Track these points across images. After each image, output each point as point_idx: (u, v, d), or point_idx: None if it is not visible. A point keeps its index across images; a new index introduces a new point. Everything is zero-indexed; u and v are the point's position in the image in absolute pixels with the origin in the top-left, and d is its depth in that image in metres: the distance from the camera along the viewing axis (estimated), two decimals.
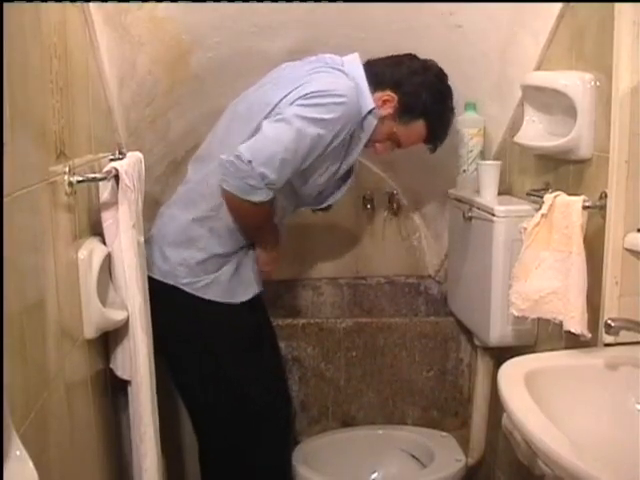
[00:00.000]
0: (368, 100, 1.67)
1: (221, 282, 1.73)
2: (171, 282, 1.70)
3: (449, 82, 1.75)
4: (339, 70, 1.68)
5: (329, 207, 1.89)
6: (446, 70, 1.75)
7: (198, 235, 1.71)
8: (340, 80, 1.64)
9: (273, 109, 1.62)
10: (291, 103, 1.59)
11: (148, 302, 1.48)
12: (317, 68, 1.68)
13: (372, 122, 1.70)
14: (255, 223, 1.73)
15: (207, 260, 1.71)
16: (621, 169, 1.34)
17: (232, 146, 1.64)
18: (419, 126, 1.74)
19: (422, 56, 1.75)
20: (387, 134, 1.74)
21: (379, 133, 1.73)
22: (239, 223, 1.70)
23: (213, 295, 1.72)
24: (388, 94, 1.69)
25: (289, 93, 1.61)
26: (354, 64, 1.70)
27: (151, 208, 1.83)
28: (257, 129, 1.62)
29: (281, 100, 1.61)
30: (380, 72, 1.71)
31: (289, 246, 2.46)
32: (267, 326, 2.04)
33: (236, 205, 1.64)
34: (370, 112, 1.68)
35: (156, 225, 1.77)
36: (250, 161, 1.54)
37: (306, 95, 1.58)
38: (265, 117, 1.62)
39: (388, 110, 1.70)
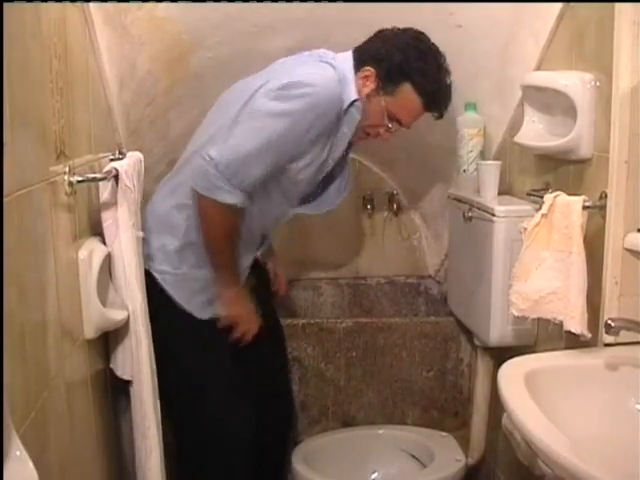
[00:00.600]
0: (352, 92, 1.62)
1: (192, 286, 1.69)
2: (145, 267, 1.61)
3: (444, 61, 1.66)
4: (327, 63, 1.63)
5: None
6: None
7: (176, 222, 1.68)
8: (320, 71, 1.60)
9: (250, 97, 1.60)
10: (264, 96, 1.57)
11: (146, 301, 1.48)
12: (305, 60, 1.66)
13: (355, 116, 1.65)
14: (221, 233, 1.65)
15: (184, 248, 1.68)
16: (621, 169, 1.34)
17: (207, 134, 1.65)
18: (406, 91, 1.64)
19: None
20: (380, 113, 1.66)
21: (372, 114, 1.66)
22: (205, 232, 1.65)
23: (179, 297, 1.68)
24: (366, 69, 1.64)
25: (266, 82, 1.59)
26: (346, 57, 1.67)
27: None
28: (234, 120, 1.60)
29: (258, 89, 1.59)
30: (359, 52, 1.67)
31: (289, 246, 2.46)
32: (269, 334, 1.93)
33: (204, 207, 1.60)
34: (352, 104, 1.63)
35: (145, 211, 1.72)
36: (216, 163, 1.53)
37: (278, 88, 1.56)
38: (243, 105, 1.60)
39: (370, 86, 1.64)
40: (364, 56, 1.65)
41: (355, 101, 1.63)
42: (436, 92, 1.65)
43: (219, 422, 1.69)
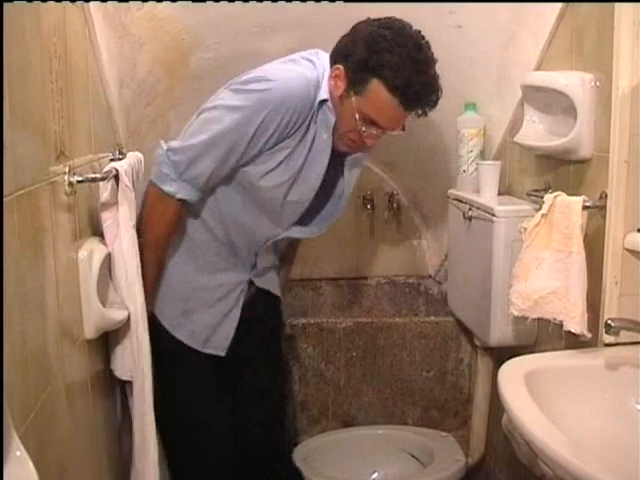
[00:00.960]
0: (324, 92, 1.49)
1: (168, 302, 1.63)
2: None
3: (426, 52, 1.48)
4: (309, 60, 1.53)
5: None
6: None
7: None
8: (291, 67, 1.50)
9: (220, 93, 1.57)
10: (226, 89, 1.53)
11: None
12: (287, 59, 1.57)
13: (329, 118, 1.51)
14: (153, 229, 1.55)
15: None
16: (621, 169, 1.34)
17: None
18: (376, 89, 1.43)
19: None
20: (352, 115, 1.47)
21: (345, 118, 1.49)
22: (142, 220, 1.54)
23: (158, 311, 1.62)
24: (336, 68, 1.47)
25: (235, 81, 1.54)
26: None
27: None
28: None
29: (229, 85, 1.55)
30: (333, 49, 1.52)
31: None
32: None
33: (149, 193, 1.54)
34: (322, 105, 1.49)
35: None
36: (167, 150, 1.51)
37: (239, 82, 1.50)
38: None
39: (342, 86, 1.47)
40: (335, 53, 1.50)
41: (324, 101, 1.49)
42: (409, 87, 1.42)
43: (210, 425, 1.67)
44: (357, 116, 1.47)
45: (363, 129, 1.48)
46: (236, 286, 1.68)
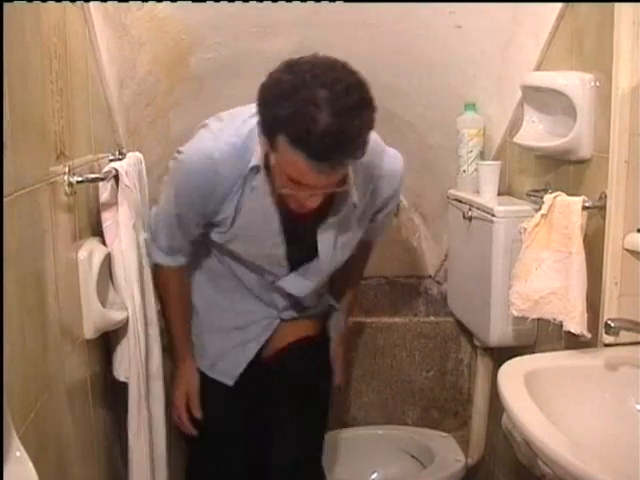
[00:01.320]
0: (256, 156, 1.33)
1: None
2: None
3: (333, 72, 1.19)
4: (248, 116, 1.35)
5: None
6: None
7: None
8: (220, 134, 1.38)
9: None
10: None
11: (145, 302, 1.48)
12: (232, 115, 1.44)
13: (266, 185, 1.35)
14: (163, 297, 1.60)
15: None
16: (621, 169, 1.34)
17: None
18: (282, 145, 1.18)
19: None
20: (276, 174, 1.29)
21: (280, 175, 1.26)
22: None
23: None
24: None
25: None
26: None
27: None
28: None
29: None
30: None
31: None
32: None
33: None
34: (254, 171, 1.35)
35: None
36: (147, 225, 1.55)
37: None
38: None
39: (266, 143, 1.25)
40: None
41: (256, 168, 1.34)
42: (310, 134, 1.13)
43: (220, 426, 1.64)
44: (278, 175, 1.27)
45: (284, 190, 1.28)
46: (260, 319, 1.61)
